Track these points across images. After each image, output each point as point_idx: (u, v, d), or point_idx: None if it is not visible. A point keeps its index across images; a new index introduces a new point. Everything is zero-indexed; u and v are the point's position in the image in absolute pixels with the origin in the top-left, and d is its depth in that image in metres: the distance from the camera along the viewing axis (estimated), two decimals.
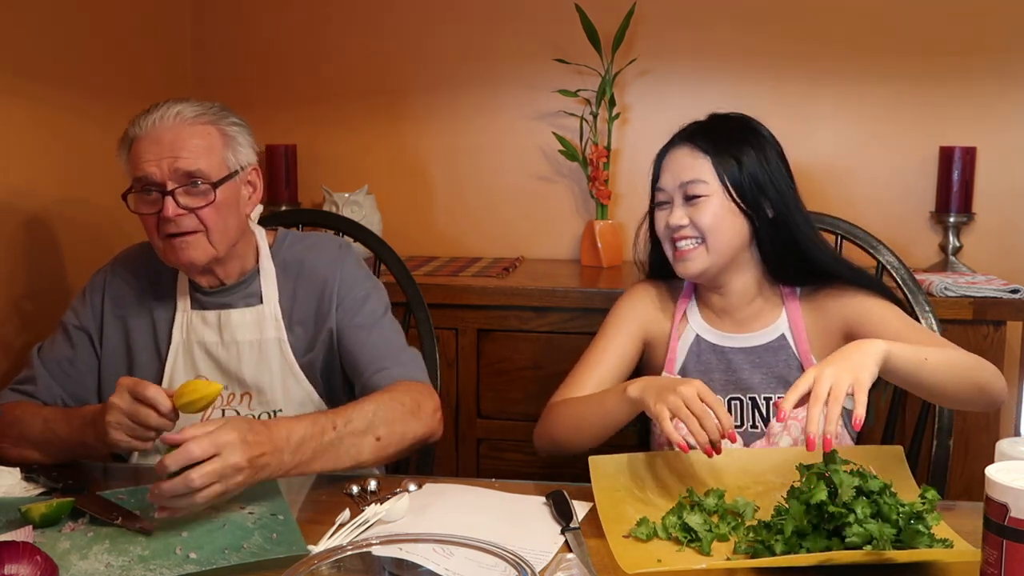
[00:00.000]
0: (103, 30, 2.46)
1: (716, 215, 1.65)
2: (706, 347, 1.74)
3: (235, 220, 1.67)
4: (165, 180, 1.59)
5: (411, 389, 1.62)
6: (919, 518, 1.23)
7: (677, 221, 1.67)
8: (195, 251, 1.62)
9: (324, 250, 1.78)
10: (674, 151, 1.71)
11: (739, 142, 1.69)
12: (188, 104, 1.64)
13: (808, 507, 1.23)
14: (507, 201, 2.87)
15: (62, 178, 2.28)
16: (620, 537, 1.31)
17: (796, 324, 1.71)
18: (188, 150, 1.60)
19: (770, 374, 1.70)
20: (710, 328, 1.75)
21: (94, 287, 1.77)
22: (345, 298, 1.73)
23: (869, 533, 1.19)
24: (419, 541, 1.11)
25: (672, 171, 1.70)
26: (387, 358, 1.69)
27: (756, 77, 2.72)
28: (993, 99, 2.63)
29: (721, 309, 1.75)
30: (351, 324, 1.71)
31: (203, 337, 1.70)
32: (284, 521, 1.36)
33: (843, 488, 1.22)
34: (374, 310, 1.74)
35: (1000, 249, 2.66)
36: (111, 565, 1.24)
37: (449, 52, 2.85)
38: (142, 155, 1.60)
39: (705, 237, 1.66)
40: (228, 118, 1.67)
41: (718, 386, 1.70)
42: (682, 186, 1.68)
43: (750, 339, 1.72)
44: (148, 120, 1.61)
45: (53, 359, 1.72)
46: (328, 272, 1.74)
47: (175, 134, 1.60)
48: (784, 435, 1.64)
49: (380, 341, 1.71)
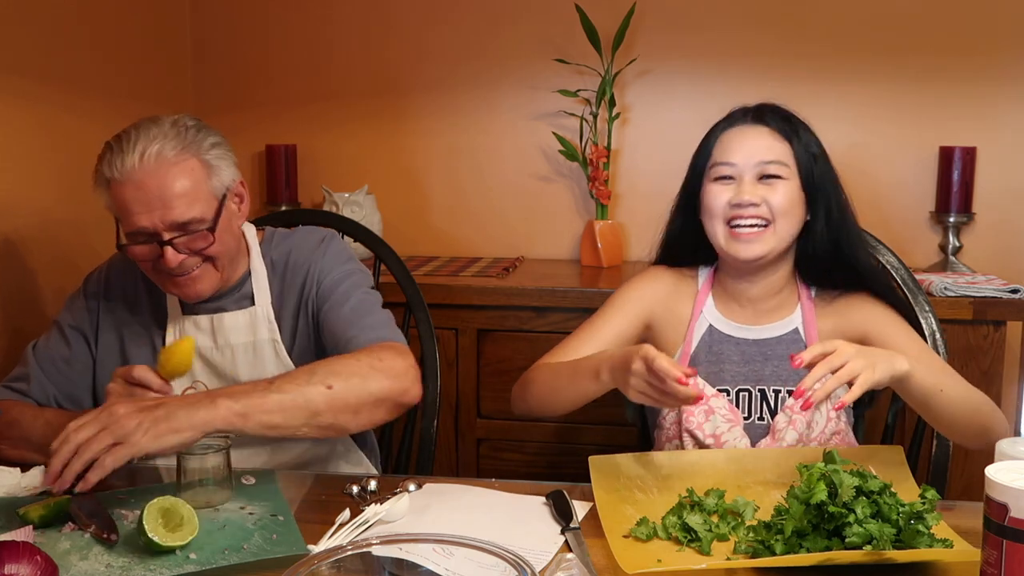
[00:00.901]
0: (103, 30, 2.46)
1: (791, 200, 1.63)
2: (719, 337, 1.73)
3: (232, 238, 1.66)
4: (160, 232, 1.55)
5: (374, 348, 1.55)
6: (919, 518, 1.23)
7: (750, 198, 1.61)
8: (202, 284, 1.62)
9: (306, 242, 1.76)
10: (747, 129, 1.67)
11: (810, 136, 1.69)
12: (164, 137, 1.55)
13: (808, 507, 1.23)
14: (507, 201, 2.87)
15: (61, 178, 2.27)
16: (620, 537, 1.31)
17: (809, 322, 1.70)
18: (178, 198, 1.53)
19: (781, 366, 1.69)
20: (724, 319, 1.73)
21: (89, 288, 1.77)
22: (322, 284, 1.70)
23: (869, 533, 1.19)
24: (419, 541, 1.11)
25: (748, 148, 1.64)
26: (353, 326, 1.63)
27: (756, 77, 2.72)
28: (993, 99, 2.63)
29: (745, 300, 1.72)
30: (325, 308, 1.68)
31: (197, 342, 1.69)
32: (284, 521, 1.36)
33: (843, 488, 1.22)
34: (346, 290, 1.69)
35: (1000, 249, 2.66)
36: (111, 566, 1.24)
37: (449, 52, 2.85)
38: (129, 206, 1.54)
39: (775, 220, 1.62)
40: (206, 140, 1.60)
41: (728, 376, 1.69)
42: (759, 164, 1.63)
43: (764, 331, 1.71)
44: (127, 163, 1.53)
45: (48, 358, 1.72)
46: (309, 262, 1.72)
47: (160, 181, 1.53)
48: (789, 429, 1.63)
49: (349, 313, 1.66)
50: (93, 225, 2.33)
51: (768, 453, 1.55)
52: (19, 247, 2.14)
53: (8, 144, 2.11)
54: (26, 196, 2.16)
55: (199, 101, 2.93)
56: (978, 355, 2.25)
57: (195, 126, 1.61)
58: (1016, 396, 2.56)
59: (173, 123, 1.59)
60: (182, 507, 1.29)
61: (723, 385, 1.69)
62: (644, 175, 2.78)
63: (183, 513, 1.29)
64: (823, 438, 1.64)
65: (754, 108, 1.70)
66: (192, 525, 1.27)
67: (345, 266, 1.72)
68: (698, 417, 1.65)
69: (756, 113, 1.69)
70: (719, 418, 1.64)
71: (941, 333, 1.93)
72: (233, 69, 2.93)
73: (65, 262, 2.28)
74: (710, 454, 1.57)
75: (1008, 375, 2.41)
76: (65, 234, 2.28)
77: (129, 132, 1.57)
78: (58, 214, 2.25)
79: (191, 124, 1.60)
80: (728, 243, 1.65)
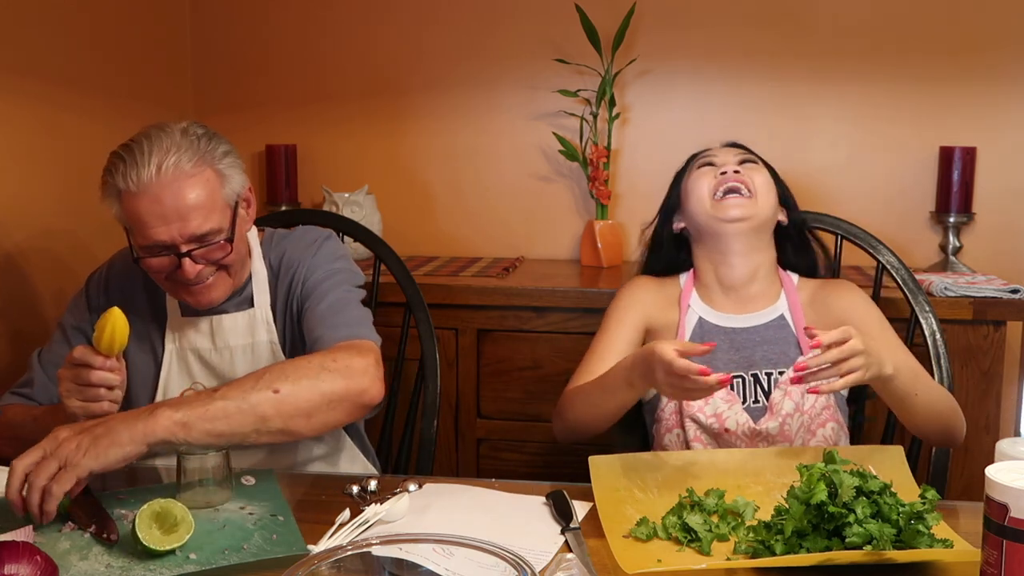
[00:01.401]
0: (103, 30, 2.46)
1: (768, 182, 1.82)
2: (709, 328, 1.80)
3: (243, 244, 1.67)
4: (178, 244, 1.54)
5: (332, 348, 1.52)
6: (919, 518, 1.23)
7: (733, 168, 1.80)
8: (216, 291, 1.63)
9: (301, 241, 1.75)
10: (720, 148, 1.89)
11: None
12: (179, 149, 1.53)
13: (808, 507, 1.23)
14: (507, 201, 2.87)
15: (61, 178, 2.27)
16: (620, 537, 1.31)
17: (795, 309, 1.79)
18: (195, 211, 1.53)
19: (771, 350, 1.76)
20: (712, 310, 1.81)
21: (90, 288, 1.77)
22: (306, 282, 1.69)
23: (869, 533, 1.19)
24: (419, 541, 1.11)
25: (726, 152, 1.86)
26: (321, 325, 1.60)
27: (756, 77, 2.72)
28: (993, 99, 2.63)
29: (728, 287, 1.81)
30: (305, 306, 1.66)
31: (195, 344, 1.70)
32: (284, 521, 1.36)
33: (843, 488, 1.22)
34: (326, 288, 1.66)
35: (1000, 249, 2.66)
36: (111, 566, 1.24)
37: (449, 52, 2.85)
38: (145, 219, 1.52)
39: (756, 194, 1.78)
40: (218, 149, 1.59)
41: (721, 364, 1.74)
42: (738, 157, 1.84)
43: (752, 319, 1.79)
44: (143, 176, 1.51)
45: (52, 361, 1.72)
46: (299, 261, 1.71)
47: (176, 192, 1.52)
48: (786, 400, 1.70)
49: (323, 311, 1.63)
50: (92, 228, 2.34)
51: (768, 453, 1.55)
52: (18, 248, 2.13)
53: (8, 144, 2.11)
54: (26, 196, 2.16)
55: (199, 101, 2.93)
56: (978, 355, 2.25)
57: (205, 135, 1.59)
58: (1016, 396, 2.56)
59: (183, 132, 1.57)
60: (175, 507, 1.29)
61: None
62: (644, 175, 2.78)
63: (176, 513, 1.28)
64: (814, 412, 1.70)
65: (725, 144, 1.92)
66: (187, 524, 1.27)
67: (332, 264, 1.70)
68: (697, 402, 1.69)
69: (727, 144, 1.92)
70: (718, 400, 1.70)
71: (941, 333, 1.93)
72: (233, 69, 2.93)
73: (64, 265, 2.28)
74: (710, 454, 1.57)
75: (1008, 375, 2.41)
76: (67, 233, 2.28)
77: (140, 142, 1.54)
78: (58, 215, 2.25)
79: (201, 133, 1.59)
80: (715, 207, 1.78)
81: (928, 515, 1.23)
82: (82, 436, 1.33)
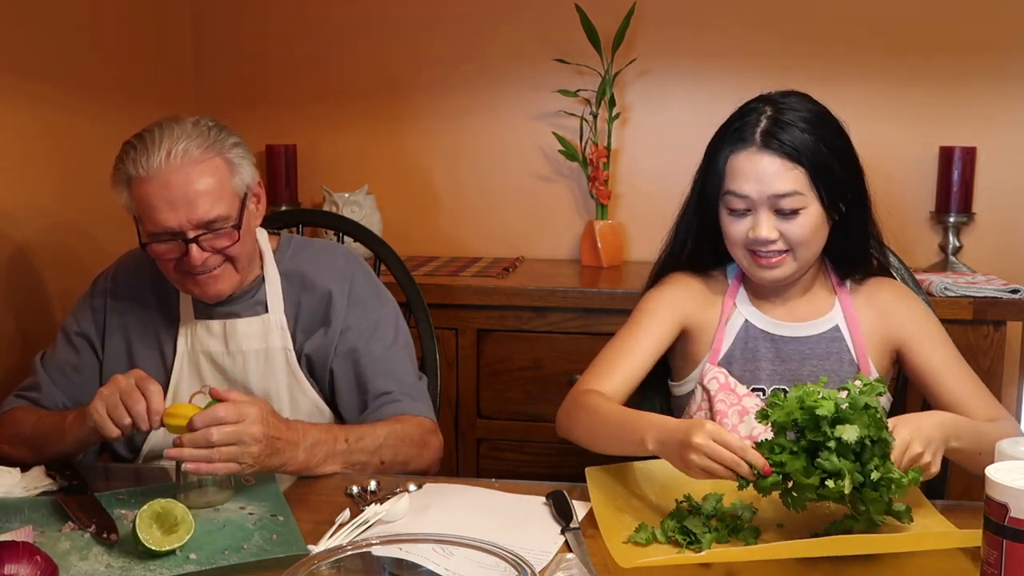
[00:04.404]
0: (103, 30, 2.46)
1: (810, 228, 1.57)
2: (755, 333, 1.67)
3: (251, 239, 1.67)
4: (185, 230, 1.54)
5: (421, 426, 1.67)
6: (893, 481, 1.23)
7: (767, 235, 1.56)
8: (222, 283, 1.62)
9: (330, 261, 1.76)
10: (756, 157, 1.56)
11: (830, 144, 1.60)
12: (188, 136, 1.55)
13: (803, 412, 1.25)
14: (507, 201, 2.87)
15: (63, 178, 2.27)
16: (619, 543, 1.30)
17: (851, 317, 1.66)
18: (203, 196, 1.54)
19: (820, 367, 1.64)
20: (761, 314, 1.67)
21: (95, 292, 1.76)
22: (357, 321, 1.71)
23: (835, 466, 1.21)
24: (419, 541, 1.12)
25: (758, 180, 1.55)
26: (398, 390, 1.70)
27: (756, 77, 2.68)
28: (993, 99, 2.63)
29: (774, 295, 1.67)
30: (363, 348, 1.70)
31: (208, 347, 1.69)
32: (284, 521, 1.36)
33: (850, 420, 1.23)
34: (385, 334, 1.73)
35: (1000, 249, 2.66)
36: (111, 566, 1.24)
37: (448, 52, 2.85)
38: (153, 203, 1.53)
39: (795, 249, 1.58)
40: (228, 140, 1.61)
41: (764, 375, 1.65)
42: (772, 199, 1.55)
43: (803, 328, 1.66)
44: (153, 161, 1.53)
45: (56, 366, 1.71)
46: (335, 286, 1.72)
47: (184, 178, 1.53)
48: None
49: (394, 368, 1.71)
50: (96, 224, 2.34)
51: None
52: (22, 247, 2.14)
53: (9, 144, 2.11)
54: (28, 196, 2.16)
55: (199, 101, 2.92)
56: (978, 355, 2.25)
57: (216, 126, 1.62)
58: (1016, 396, 2.56)
59: (195, 123, 1.59)
60: (175, 507, 1.29)
61: (758, 384, 1.65)
62: (644, 175, 2.78)
63: (177, 513, 1.28)
64: None
65: (766, 124, 1.58)
66: (188, 524, 1.27)
67: (377, 303, 1.76)
68: (732, 419, 1.60)
69: (768, 133, 1.57)
70: (753, 420, 1.54)
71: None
72: (233, 69, 2.93)
73: (70, 262, 2.28)
74: None
75: (1008, 375, 2.41)
76: (68, 233, 2.28)
77: (152, 131, 1.57)
78: (61, 213, 2.26)
79: (212, 124, 1.61)
80: (751, 268, 1.62)
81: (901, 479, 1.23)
82: (265, 449, 1.43)
